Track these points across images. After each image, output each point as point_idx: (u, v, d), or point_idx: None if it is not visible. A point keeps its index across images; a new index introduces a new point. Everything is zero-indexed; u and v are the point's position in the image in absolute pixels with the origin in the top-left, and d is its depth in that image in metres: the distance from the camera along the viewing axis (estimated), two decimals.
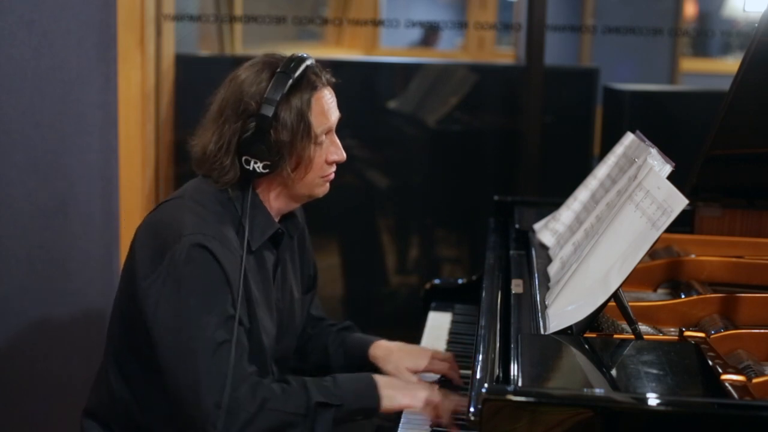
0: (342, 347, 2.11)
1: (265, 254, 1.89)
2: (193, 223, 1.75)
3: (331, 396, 1.75)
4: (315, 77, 1.84)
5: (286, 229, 1.96)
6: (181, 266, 1.71)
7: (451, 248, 3.65)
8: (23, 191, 2.65)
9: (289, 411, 1.71)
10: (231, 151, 1.80)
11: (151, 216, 1.85)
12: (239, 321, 1.73)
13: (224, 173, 1.81)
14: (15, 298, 2.67)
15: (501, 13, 5.70)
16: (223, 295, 1.72)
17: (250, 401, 1.69)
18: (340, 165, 1.95)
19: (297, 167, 1.83)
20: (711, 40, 6.76)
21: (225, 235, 1.77)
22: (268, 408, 1.70)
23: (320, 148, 1.85)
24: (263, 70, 1.82)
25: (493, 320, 1.78)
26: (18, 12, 2.58)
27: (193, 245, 1.72)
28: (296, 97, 1.80)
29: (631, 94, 3.36)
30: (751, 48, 1.82)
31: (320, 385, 1.77)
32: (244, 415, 1.68)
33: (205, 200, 1.82)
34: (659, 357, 1.44)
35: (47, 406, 2.79)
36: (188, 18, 3.41)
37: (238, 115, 1.79)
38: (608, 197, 1.89)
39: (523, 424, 1.25)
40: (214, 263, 1.72)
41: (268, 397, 1.70)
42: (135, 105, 2.98)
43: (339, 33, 5.63)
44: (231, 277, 1.74)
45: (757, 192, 2.19)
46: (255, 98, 1.78)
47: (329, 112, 1.86)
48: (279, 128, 1.78)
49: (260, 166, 1.79)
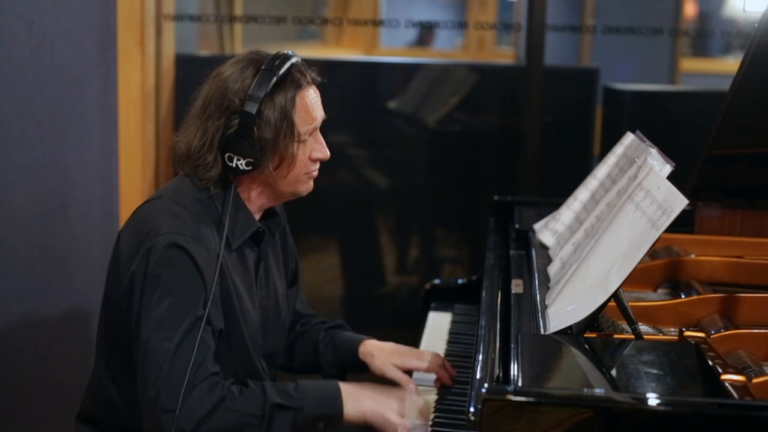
0: (331, 345, 2.10)
1: (247, 252, 1.89)
2: (170, 223, 1.76)
3: (290, 399, 1.74)
4: (300, 75, 1.83)
5: (267, 227, 1.95)
6: (155, 265, 1.72)
7: (451, 248, 3.65)
8: (23, 191, 2.65)
9: (245, 411, 1.70)
10: (214, 147, 1.80)
11: (131, 218, 1.86)
12: (208, 321, 1.73)
13: (207, 170, 1.81)
14: (15, 298, 2.67)
15: (501, 13, 5.70)
16: (196, 295, 1.73)
17: (206, 399, 1.68)
18: (341, 165, 1.96)
19: (280, 165, 1.83)
20: (711, 40, 6.76)
21: (202, 234, 1.77)
22: (223, 407, 1.69)
23: (304, 146, 1.84)
24: (248, 67, 1.81)
25: (493, 320, 1.78)
26: (18, 12, 2.58)
27: (168, 245, 1.72)
28: (280, 95, 1.79)
29: (631, 94, 3.36)
30: (751, 48, 1.81)
31: (280, 389, 1.76)
32: (200, 412, 1.67)
33: (184, 200, 1.82)
34: (659, 357, 1.44)
35: (46, 406, 2.79)
36: (188, 18, 3.41)
37: (221, 112, 1.79)
38: (608, 197, 1.89)
39: (523, 424, 1.25)
40: (189, 262, 1.72)
41: (225, 396, 1.70)
42: (135, 105, 2.97)
43: (339, 33, 5.63)
44: (206, 276, 1.74)
45: (757, 192, 2.19)
46: (239, 95, 1.78)
47: (313, 111, 1.85)
48: (262, 125, 1.77)
49: (243, 163, 1.78)
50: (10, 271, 2.64)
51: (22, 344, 2.72)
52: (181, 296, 1.71)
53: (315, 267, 3.53)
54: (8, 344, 2.67)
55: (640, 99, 3.38)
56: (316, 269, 3.54)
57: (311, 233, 3.54)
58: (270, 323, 1.97)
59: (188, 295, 1.72)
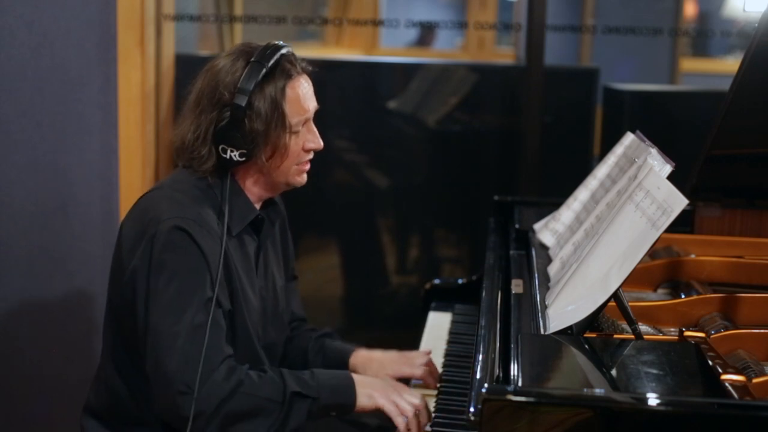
0: (321, 354, 2.11)
1: (247, 240, 1.90)
2: (171, 208, 1.77)
3: (308, 388, 1.76)
4: (290, 66, 1.84)
5: (267, 216, 1.96)
6: (160, 250, 1.73)
7: (451, 248, 3.65)
8: (23, 191, 2.65)
9: (264, 396, 1.72)
10: (208, 140, 1.82)
11: (132, 209, 1.88)
12: (218, 302, 1.74)
13: (203, 162, 1.83)
14: (15, 298, 2.67)
15: (501, 13, 5.71)
16: (202, 278, 1.74)
17: (226, 382, 1.70)
18: (341, 165, 1.96)
19: (272, 155, 1.84)
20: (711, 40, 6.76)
21: (204, 218, 1.78)
22: (242, 391, 1.71)
23: (296, 136, 1.85)
24: (238, 59, 1.82)
25: (493, 320, 1.78)
26: (18, 12, 2.58)
27: (171, 229, 1.73)
28: (270, 86, 1.80)
29: (631, 94, 3.36)
30: (751, 48, 1.81)
31: (297, 377, 1.78)
32: (220, 394, 1.69)
33: (184, 188, 1.84)
34: (659, 357, 1.44)
35: (47, 406, 2.79)
36: (188, 18, 3.41)
37: (213, 105, 1.81)
38: (608, 197, 1.89)
39: (523, 424, 1.25)
40: (193, 245, 1.74)
41: (243, 380, 1.72)
42: (135, 105, 2.98)
43: (339, 33, 5.63)
44: (210, 259, 1.75)
45: (757, 192, 2.19)
46: (229, 88, 1.80)
47: (305, 101, 1.85)
48: (253, 117, 1.79)
49: (237, 154, 1.80)
50: (10, 271, 2.64)
51: (22, 344, 2.72)
52: (188, 279, 1.73)
53: (315, 267, 3.52)
54: (8, 344, 2.67)
55: (640, 99, 3.38)
56: (316, 269, 3.53)
57: (311, 233, 3.54)
58: (269, 314, 1.98)
59: (195, 278, 1.73)
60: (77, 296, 2.85)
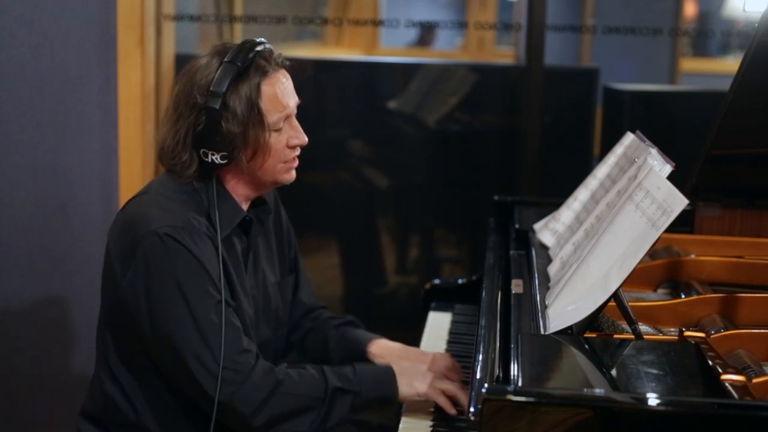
0: (342, 343, 2.10)
1: (235, 241, 1.89)
2: (160, 216, 1.75)
3: (350, 383, 1.78)
4: (265, 62, 1.80)
5: (256, 216, 1.95)
6: (153, 260, 1.72)
7: (451, 248, 3.65)
8: (23, 191, 2.65)
9: (306, 394, 1.74)
10: (188, 145, 1.79)
11: (119, 215, 1.86)
12: (227, 302, 1.74)
13: (185, 167, 1.81)
14: (15, 298, 2.67)
15: (501, 13, 5.71)
16: (202, 280, 1.73)
17: (264, 384, 1.71)
18: (341, 165, 1.95)
19: (254, 155, 1.81)
20: (711, 40, 6.76)
21: (192, 223, 1.77)
22: (281, 391, 1.72)
23: (278, 134, 1.82)
24: (213, 60, 1.80)
25: (493, 320, 1.78)
26: (18, 12, 2.58)
27: (162, 237, 1.72)
28: (245, 85, 1.77)
29: (631, 94, 3.36)
30: (751, 48, 1.81)
31: (338, 373, 1.79)
32: (258, 397, 1.70)
33: (170, 193, 1.82)
34: (659, 357, 1.44)
35: (47, 406, 2.79)
36: (188, 18, 3.41)
37: (190, 109, 1.79)
38: (608, 197, 1.89)
39: (523, 424, 1.24)
40: (185, 252, 1.73)
41: (282, 380, 1.73)
42: (135, 105, 2.97)
43: (339, 33, 5.63)
44: (205, 263, 1.74)
45: (757, 192, 2.19)
46: (202, 91, 1.77)
47: (283, 97, 1.81)
48: (229, 118, 1.76)
49: (218, 157, 1.78)
50: (10, 271, 2.64)
51: (22, 344, 2.72)
52: (190, 285, 1.72)
53: (315, 267, 3.52)
54: (8, 344, 2.67)
55: (640, 99, 3.38)
56: (316, 269, 3.53)
57: (311, 233, 3.54)
58: (259, 313, 1.97)
59: (196, 281, 1.73)
60: (77, 296, 2.85)
